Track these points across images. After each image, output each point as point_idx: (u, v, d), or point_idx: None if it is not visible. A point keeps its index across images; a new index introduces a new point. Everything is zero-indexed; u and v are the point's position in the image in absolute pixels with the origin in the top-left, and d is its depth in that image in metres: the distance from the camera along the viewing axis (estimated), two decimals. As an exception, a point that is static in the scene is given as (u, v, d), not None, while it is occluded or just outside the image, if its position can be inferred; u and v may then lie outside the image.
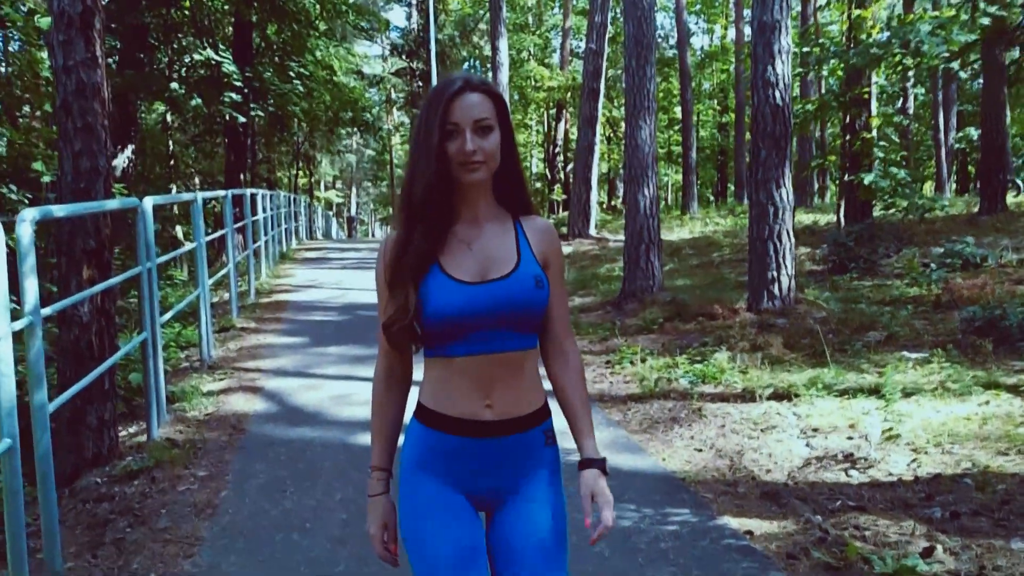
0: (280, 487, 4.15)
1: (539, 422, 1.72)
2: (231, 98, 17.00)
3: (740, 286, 8.83)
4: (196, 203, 7.05)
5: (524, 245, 1.69)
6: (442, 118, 1.60)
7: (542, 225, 1.75)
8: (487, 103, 1.62)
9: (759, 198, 7.21)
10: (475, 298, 1.60)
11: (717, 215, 20.02)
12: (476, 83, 1.64)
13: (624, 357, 6.45)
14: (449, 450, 1.66)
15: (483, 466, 1.67)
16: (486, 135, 1.62)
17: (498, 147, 1.64)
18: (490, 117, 1.62)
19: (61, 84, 4.61)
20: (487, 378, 1.62)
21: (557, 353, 1.78)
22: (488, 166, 1.63)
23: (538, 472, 1.73)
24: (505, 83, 18.14)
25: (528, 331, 1.66)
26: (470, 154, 1.59)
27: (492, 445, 1.65)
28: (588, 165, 16.22)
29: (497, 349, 1.62)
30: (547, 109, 32.40)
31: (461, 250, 1.66)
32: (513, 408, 1.65)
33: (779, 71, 7.17)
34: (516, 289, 1.62)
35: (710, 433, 4.74)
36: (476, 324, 1.60)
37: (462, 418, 1.64)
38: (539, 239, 1.71)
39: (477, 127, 1.60)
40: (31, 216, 3.20)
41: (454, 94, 1.61)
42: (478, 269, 1.64)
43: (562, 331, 1.76)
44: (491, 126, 1.62)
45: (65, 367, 4.59)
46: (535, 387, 1.71)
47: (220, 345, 7.76)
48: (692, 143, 23.52)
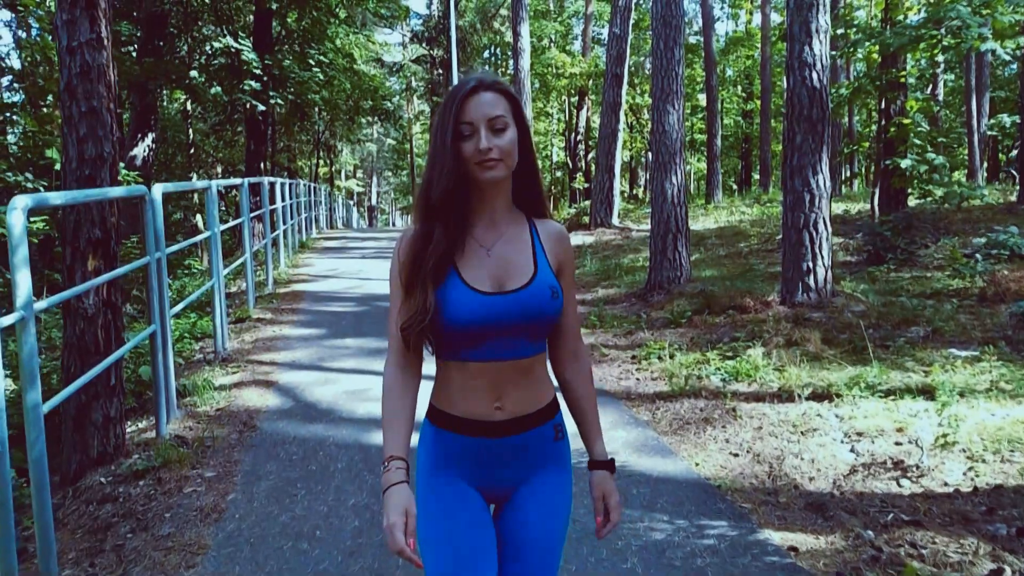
0: (290, 490, 3.93)
1: (548, 418, 1.74)
2: (251, 86, 16.84)
3: (771, 277, 8.51)
4: (210, 191, 6.84)
5: (540, 253, 1.71)
6: (456, 118, 1.61)
7: (556, 231, 1.76)
8: (501, 101, 1.63)
9: (794, 185, 6.88)
10: (492, 309, 1.62)
11: (742, 204, 19.60)
12: (489, 82, 1.65)
13: (651, 352, 6.17)
14: (461, 450, 1.70)
15: (494, 463, 1.70)
16: (501, 133, 1.62)
17: (514, 145, 1.64)
18: (505, 115, 1.62)
19: (65, 66, 4.40)
20: (498, 382, 1.65)
21: (569, 357, 1.82)
22: (505, 164, 1.63)
23: (547, 466, 1.75)
24: (526, 70, 17.80)
25: (540, 338, 1.70)
26: (485, 152, 1.60)
27: (503, 444, 1.69)
28: (611, 153, 15.87)
29: (509, 356, 1.65)
30: (568, 97, 32.01)
31: (479, 255, 1.67)
32: (522, 408, 1.68)
33: (816, 51, 6.82)
34: (533, 301, 1.64)
35: (746, 435, 4.46)
36: (492, 333, 1.63)
37: (473, 419, 1.67)
38: (553, 246, 1.74)
39: (492, 126, 1.61)
40: (23, 204, 2.98)
41: (467, 93, 1.62)
42: (495, 278, 1.66)
43: (573, 336, 1.80)
44: (506, 124, 1.63)
45: (70, 362, 4.40)
46: (544, 386, 1.74)
47: (235, 336, 7.58)
48: (717, 130, 23.06)
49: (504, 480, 1.72)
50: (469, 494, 1.70)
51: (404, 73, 31.81)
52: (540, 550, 1.71)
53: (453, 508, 1.68)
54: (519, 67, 17.62)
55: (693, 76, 29.95)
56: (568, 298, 1.75)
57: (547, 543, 1.72)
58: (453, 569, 1.61)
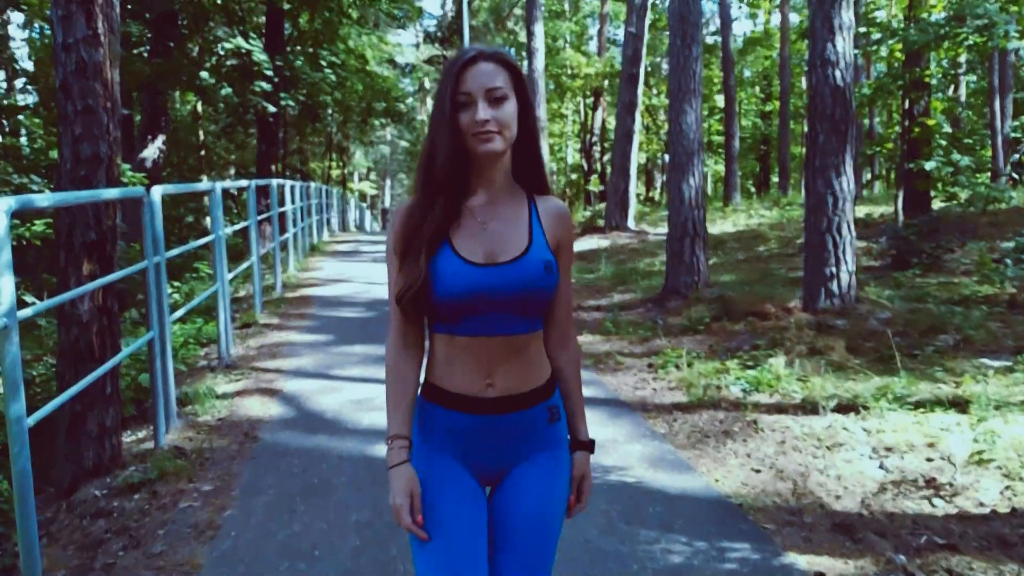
0: (290, 505, 3.75)
1: (542, 399, 1.69)
2: (261, 87, 16.75)
3: (792, 283, 8.27)
4: (214, 193, 6.70)
5: (537, 228, 1.65)
6: (454, 88, 1.58)
7: (557, 208, 1.70)
8: (501, 72, 1.58)
9: (816, 187, 6.64)
10: (483, 280, 1.58)
11: (761, 206, 19.31)
12: (490, 52, 1.60)
13: (668, 360, 5.96)
14: (452, 426, 1.66)
15: (486, 442, 1.67)
16: (500, 104, 1.57)
17: (514, 117, 1.60)
18: (504, 87, 1.58)
19: (60, 63, 4.26)
20: (489, 358, 1.62)
21: (560, 339, 1.76)
22: (503, 136, 1.58)
23: (541, 448, 1.70)
24: (540, 70, 17.61)
25: (534, 315, 1.65)
26: (482, 123, 1.55)
27: (494, 422, 1.65)
28: (626, 154, 15.65)
29: (501, 332, 1.61)
30: (583, 97, 31.79)
31: (474, 228, 1.64)
32: (514, 386, 1.64)
33: (839, 48, 6.59)
34: (524, 274, 1.59)
35: (768, 450, 4.24)
36: (482, 306, 1.59)
37: (464, 394, 1.64)
38: (553, 223, 1.68)
39: (490, 96, 1.57)
40: (5, 206, 2.82)
41: (465, 63, 1.58)
42: (488, 250, 1.62)
43: (565, 317, 1.75)
44: (505, 96, 1.58)
45: (65, 370, 4.25)
46: (539, 366, 1.69)
47: (241, 342, 7.43)
48: (735, 132, 22.75)
49: (496, 461, 1.69)
50: (456, 469, 1.67)
51: (417, 74, 31.69)
52: (533, 535, 1.65)
53: (439, 481, 1.66)
54: (533, 67, 17.43)
55: (710, 77, 29.64)
56: (564, 279, 1.70)
57: (540, 528, 1.66)
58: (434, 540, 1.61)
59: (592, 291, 9.84)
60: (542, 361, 1.70)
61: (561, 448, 1.73)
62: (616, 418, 4.89)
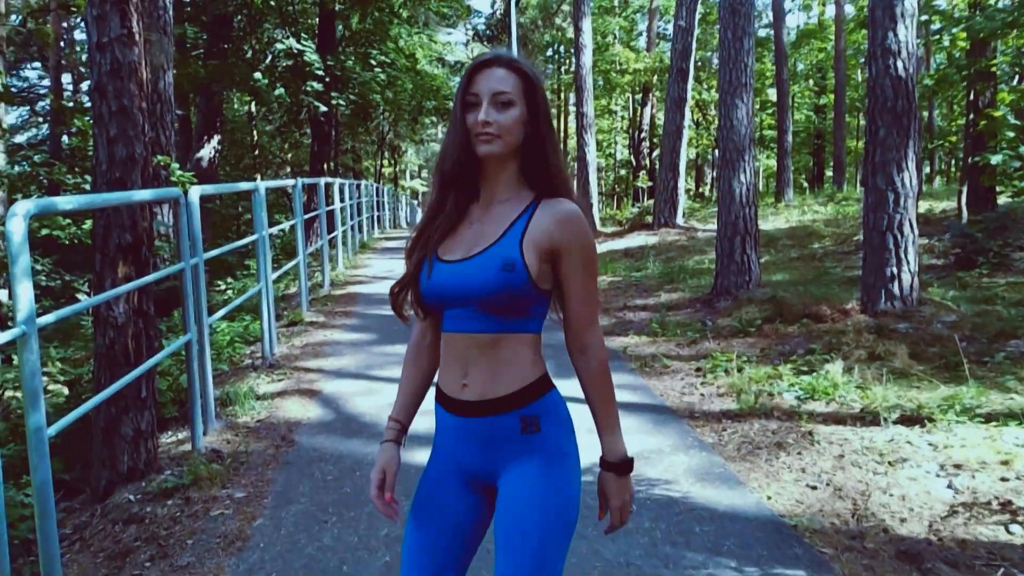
0: (321, 516, 3.64)
1: (515, 407, 1.63)
2: (313, 87, 16.85)
3: (849, 283, 7.91)
4: (257, 193, 6.66)
5: (518, 227, 1.62)
6: (464, 89, 1.63)
7: (561, 211, 1.62)
8: (511, 78, 1.61)
9: (876, 183, 6.31)
10: (445, 277, 1.62)
11: (815, 202, 18.74)
12: (505, 59, 1.63)
13: (717, 365, 5.71)
14: (442, 424, 1.72)
15: (466, 444, 1.68)
16: (504, 109, 1.60)
17: (517, 124, 1.61)
18: (511, 92, 1.60)
19: (95, 63, 4.21)
20: (464, 358, 1.64)
21: (576, 348, 1.71)
22: (503, 140, 1.60)
23: (521, 460, 1.64)
24: (588, 66, 17.34)
25: (504, 314, 1.61)
26: (483, 124, 1.59)
27: (469, 425, 1.65)
28: (676, 150, 15.31)
29: (469, 329, 1.62)
30: (632, 94, 31.36)
31: (464, 227, 1.67)
32: (488, 390, 1.63)
33: (902, 37, 6.24)
34: (478, 271, 1.59)
35: (825, 464, 3.99)
36: (447, 303, 1.64)
37: (446, 394, 1.68)
38: (547, 224, 1.61)
39: (495, 100, 1.60)
40: (24, 209, 2.75)
41: (479, 66, 1.63)
42: (465, 248, 1.64)
43: (581, 325, 1.67)
44: (511, 101, 1.60)
45: (100, 373, 4.21)
46: (513, 371, 1.63)
47: (286, 341, 7.41)
48: (788, 126, 22.12)
49: (480, 464, 1.68)
50: (450, 466, 1.71)
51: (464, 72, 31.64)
52: (512, 550, 1.58)
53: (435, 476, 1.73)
54: (581, 63, 17.18)
55: (762, 71, 28.96)
56: (573, 284, 1.64)
57: (519, 544, 1.58)
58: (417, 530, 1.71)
59: (639, 290, 9.59)
60: (520, 366, 1.64)
61: (555, 460, 1.64)
62: (661, 426, 4.68)
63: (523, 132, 1.63)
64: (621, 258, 12.80)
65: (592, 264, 1.66)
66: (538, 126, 1.64)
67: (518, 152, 1.65)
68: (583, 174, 17.48)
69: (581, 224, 1.63)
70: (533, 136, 1.64)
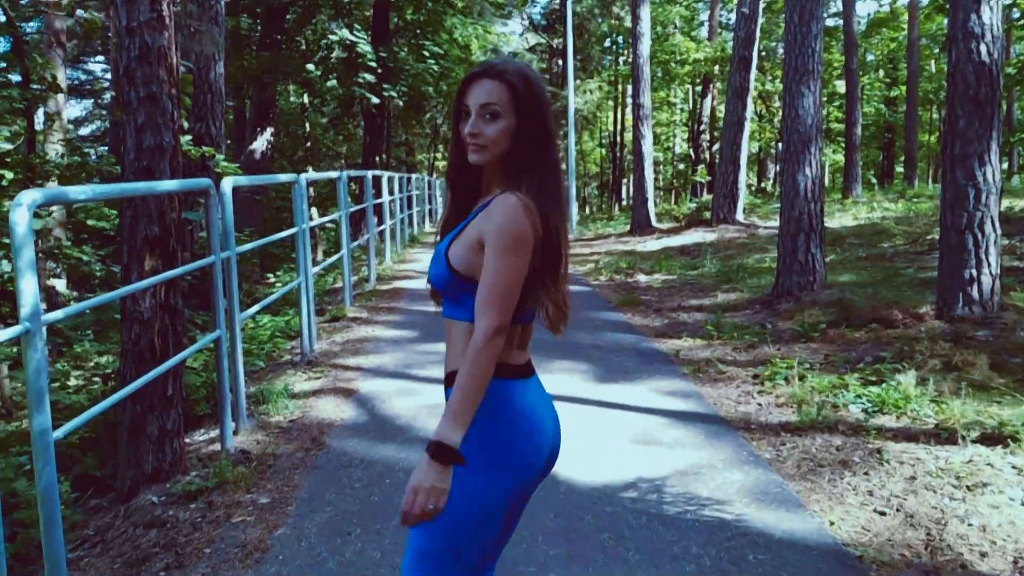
0: (345, 527, 3.43)
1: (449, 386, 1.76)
2: (365, 79, 16.80)
3: (922, 285, 7.40)
4: (298, 185, 6.51)
5: (466, 221, 1.74)
6: (458, 100, 1.74)
7: (492, 201, 1.69)
8: (499, 90, 1.68)
9: (955, 178, 5.82)
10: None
11: (885, 199, 17.94)
12: (496, 71, 1.70)
13: (777, 372, 5.33)
14: None
15: None
16: (491, 121, 1.69)
17: (503, 135, 1.69)
18: (498, 104, 1.68)
19: (124, 48, 4.07)
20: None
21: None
22: (489, 151, 1.70)
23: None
24: (646, 56, 16.87)
25: (452, 301, 1.74)
26: (471, 136, 1.70)
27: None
28: (736, 142, 14.77)
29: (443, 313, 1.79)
30: (692, 85, 30.64)
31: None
32: (447, 367, 1.77)
33: (986, 19, 5.74)
34: (432, 262, 1.76)
35: (895, 487, 3.61)
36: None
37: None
38: (480, 215, 1.70)
39: (483, 111, 1.69)
40: (29, 200, 2.58)
41: (471, 78, 1.72)
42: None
43: (477, 306, 1.65)
44: (497, 113, 1.68)
45: (126, 370, 4.08)
46: (454, 354, 1.74)
47: (327, 337, 7.27)
48: (857, 119, 21.23)
49: None
50: None
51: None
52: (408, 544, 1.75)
53: None
54: (638, 52, 16.72)
55: (830, 61, 27.96)
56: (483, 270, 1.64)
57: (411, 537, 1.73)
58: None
59: (694, 290, 9.20)
60: (457, 352, 1.72)
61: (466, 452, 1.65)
62: (714, 438, 4.34)
63: (511, 141, 1.70)
64: (676, 255, 12.38)
65: (501, 247, 1.62)
66: (527, 134, 1.70)
67: (507, 157, 1.71)
68: (638, 167, 17.05)
69: (501, 210, 1.63)
70: (522, 143, 1.70)
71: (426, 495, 1.57)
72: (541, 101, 1.71)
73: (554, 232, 1.70)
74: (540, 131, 1.71)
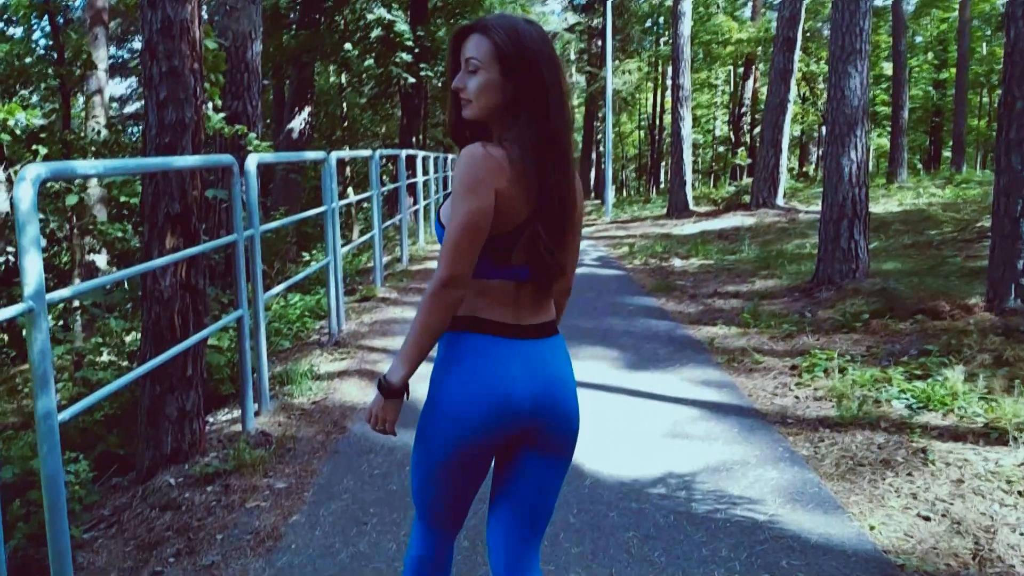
0: (361, 516, 3.34)
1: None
2: (402, 58, 16.66)
3: (971, 275, 7.08)
4: (328, 164, 6.41)
5: None
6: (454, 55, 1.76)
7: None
8: (483, 44, 1.68)
9: (1010, 163, 5.51)
10: None
11: (931, 184, 17.37)
12: (482, 25, 1.70)
13: (816, 363, 5.11)
14: None
15: None
16: (473, 75, 1.70)
17: (485, 89, 1.69)
18: (479, 58, 1.68)
19: (146, 22, 3.98)
20: None
21: None
22: (475, 104, 1.71)
23: None
24: (686, 35, 16.47)
25: None
26: (454, 89, 1.74)
27: None
28: (778, 125, 14.37)
29: None
30: (734, 67, 29.99)
31: None
32: None
33: (1050, -6, 5.40)
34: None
35: (941, 490, 3.40)
36: None
37: None
38: None
39: (467, 66, 1.71)
40: (33, 174, 2.49)
41: (460, 32, 1.74)
42: None
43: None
44: (477, 67, 1.68)
45: (145, 349, 4.02)
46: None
47: (355, 317, 7.20)
48: (904, 102, 20.56)
49: None
50: None
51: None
52: None
53: None
54: (679, 32, 16.34)
55: (877, 43, 27.10)
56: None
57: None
58: None
59: (731, 275, 8.94)
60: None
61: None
62: (748, 433, 4.16)
63: (499, 96, 1.68)
64: (714, 240, 12.09)
65: (455, 196, 1.63)
66: (518, 89, 1.67)
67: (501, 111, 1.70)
68: (677, 150, 16.71)
69: (460, 160, 1.64)
70: (512, 98, 1.68)
71: (372, 418, 1.79)
72: (532, 56, 1.66)
73: (547, 189, 1.67)
74: (531, 86, 1.67)
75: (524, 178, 1.65)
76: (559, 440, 1.81)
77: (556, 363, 1.79)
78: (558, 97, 1.69)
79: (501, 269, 1.72)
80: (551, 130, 1.69)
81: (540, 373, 1.75)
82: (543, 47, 1.69)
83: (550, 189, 1.67)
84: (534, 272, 1.73)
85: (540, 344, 1.77)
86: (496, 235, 1.66)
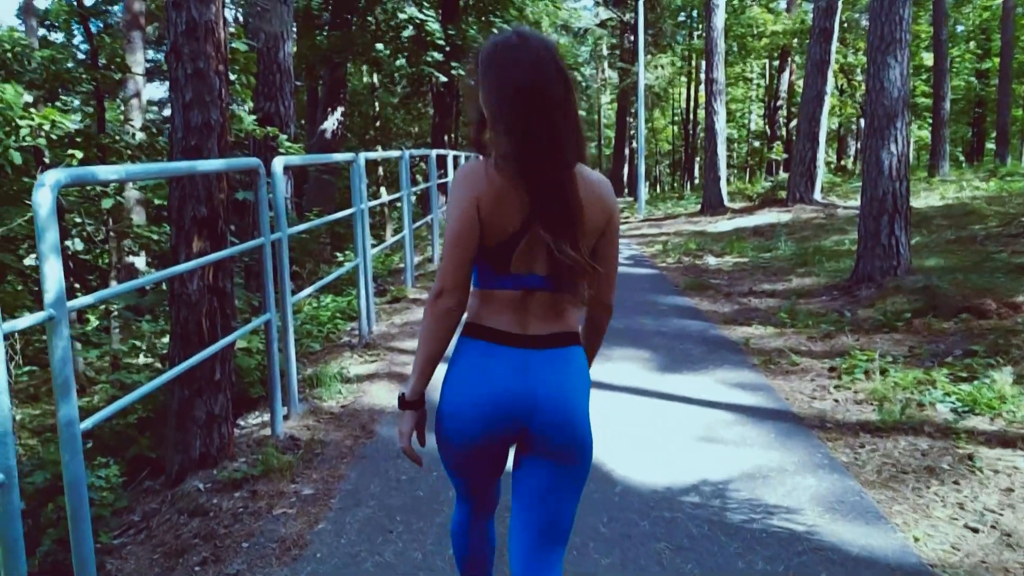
0: (387, 524, 3.28)
1: None
2: (433, 57, 16.65)
3: (1018, 271, 6.84)
4: (356, 164, 6.39)
5: None
6: None
7: None
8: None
9: (1061, 156, 5.30)
10: None
11: (975, 177, 16.91)
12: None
13: (856, 365, 4.95)
14: None
15: None
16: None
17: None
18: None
19: (172, 24, 3.97)
20: None
21: None
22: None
23: None
24: (720, 28, 16.23)
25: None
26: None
27: None
28: (815, 118, 14.08)
29: None
30: (769, 60, 29.53)
31: None
32: None
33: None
34: None
35: (989, 499, 3.25)
36: None
37: None
38: None
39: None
40: (52, 180, 2.47)
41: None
42: None
43: None
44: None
45: (174, 353, 4.01)
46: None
47: (386, 318, 7.19)
48: (945, 93, 20.03)
49: None
50: None
51: (589, 38, 30.74)
52: None
53: None
54: (712, 24, 16.10)
55: (917, 32, 26.47)
56: None
57: None
58: None
59: (767, 273, 8.77)
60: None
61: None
62: (785, 438, 4.03)
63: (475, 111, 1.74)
64: (749, 236, 11.88)
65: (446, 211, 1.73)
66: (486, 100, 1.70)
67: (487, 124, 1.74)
68: (711, 145, 16.47)
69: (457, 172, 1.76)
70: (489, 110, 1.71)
71: (398, 433, 1.89)
72: (485, 71, 1.69)
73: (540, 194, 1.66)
74: (491, 95, 1.70)
75: (511, 187, 1.66)
76: (559, 446, 1.77)
77: (557, 371, 1.76)
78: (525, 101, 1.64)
79: (502, 278, 1.74)
80: (528, 134, 1.65)
81: (534, 379, 1.74)
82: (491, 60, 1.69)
83: (543, 193, 1.66)
84: (555, 278, 1.72)
85: (543, 353, 1.76)
86: (491, 245, 1.70)
